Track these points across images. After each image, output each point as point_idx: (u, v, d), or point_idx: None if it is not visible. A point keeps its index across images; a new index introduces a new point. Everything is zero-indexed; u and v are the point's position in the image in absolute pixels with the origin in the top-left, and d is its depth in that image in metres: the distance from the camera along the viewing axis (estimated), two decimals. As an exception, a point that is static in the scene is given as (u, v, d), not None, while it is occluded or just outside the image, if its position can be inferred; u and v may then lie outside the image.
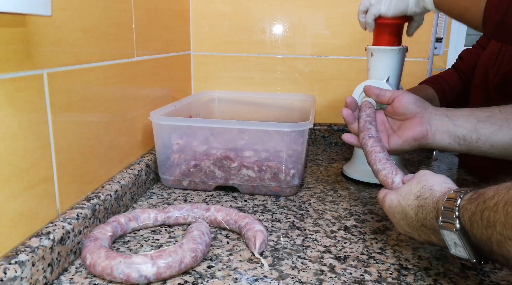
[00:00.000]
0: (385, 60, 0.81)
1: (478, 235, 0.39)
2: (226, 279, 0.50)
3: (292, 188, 0.78)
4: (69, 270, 0.52)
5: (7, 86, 0.44)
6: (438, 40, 1.56)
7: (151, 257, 0.49)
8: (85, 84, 0.60)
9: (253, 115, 1.11)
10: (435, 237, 0.47)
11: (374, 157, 0.59)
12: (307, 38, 1.15)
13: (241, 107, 1.13)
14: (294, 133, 0.75)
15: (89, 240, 0.53)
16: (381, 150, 0.60)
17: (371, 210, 0.72)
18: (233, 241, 0.60)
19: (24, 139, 0.47)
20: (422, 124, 0.62)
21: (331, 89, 1.17)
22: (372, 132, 0.63)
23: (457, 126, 0.60)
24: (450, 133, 0.60)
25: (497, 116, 0.58)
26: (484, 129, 0.58)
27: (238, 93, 1.15)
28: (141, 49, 0.80)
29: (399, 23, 0.79)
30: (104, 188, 0.64)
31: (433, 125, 0.61)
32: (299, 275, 0.52)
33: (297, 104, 1.10)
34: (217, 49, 1.18)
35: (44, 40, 0.50)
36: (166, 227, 0.64)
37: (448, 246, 0.44)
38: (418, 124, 0.62)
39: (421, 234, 0.49)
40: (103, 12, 0.65)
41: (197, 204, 0.65)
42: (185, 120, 0.83)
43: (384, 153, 0.59)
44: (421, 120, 0.62)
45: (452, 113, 0.62)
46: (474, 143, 0.59)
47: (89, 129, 0.61)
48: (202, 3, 1.15)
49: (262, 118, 1.10)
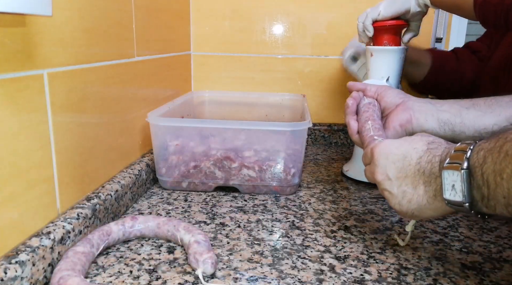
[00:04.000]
0: (385, 60, 0.82)
1: (487, 171, 0.39)
2: (226, 279, 0.50)
3: (292, 187, 0.78)
4: (69, 270, 0.52)
5: (7, 86, 0.44)
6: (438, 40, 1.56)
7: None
8: (85, 84, 0.60)
9: (243, 115, 1.11)
10: (424, 186, 0.47)
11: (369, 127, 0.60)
12: (307, 38, 1.15)
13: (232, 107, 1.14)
14: (294, 132, 0.75)
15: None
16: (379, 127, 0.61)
17: (371, 210, 0.73)
18: (233, 241, 0.60)
19: (24, 140, 0.47)
20: (405, 110, 0.62)
21: (331, 89, 1.17)
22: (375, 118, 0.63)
23: (440, 111, 0.61)
24: (434, 117, 0.61)
25: (481, 104, 0.59)
26: (468, 115, 0.59)
27: (229, 93, 1.15)
28: (141, 49, 0.80)
29: (397, 25, 0.80)
30: (104, 187, 0.64)
31: (416, 111, 0.62)
32: (299, 274, 0.52)
33: (287, 104, 1.11)
34: (217, 49, 1.18)
35: (44, 40, 0.50)
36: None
37: (443, 190, 0.44)
38: (401, 111, 0.63)
39: (406, 183, 0.48)
40: (103, 12, 0.65)
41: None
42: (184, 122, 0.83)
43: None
44: (403, 107, 0.63)
45: (436, 101, 0.63)
46: (458, 127, 0.59)
47: (89, 129, 0.61)
48: (202, 3, 1.15)
49: (254, 117, 1.10)
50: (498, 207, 0.39)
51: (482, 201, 0.41)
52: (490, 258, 0.57)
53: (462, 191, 0.42)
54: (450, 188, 0.43)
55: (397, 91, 0.66)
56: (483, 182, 0.40)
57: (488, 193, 0.39)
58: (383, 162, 0.51)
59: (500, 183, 0.38)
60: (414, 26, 0.81)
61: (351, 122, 0.65)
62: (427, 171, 0.47)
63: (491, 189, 0.39)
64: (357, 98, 0.66)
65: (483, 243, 0.61)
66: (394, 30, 0.81)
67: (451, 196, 0.43)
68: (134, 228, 0.58)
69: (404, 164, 0.49)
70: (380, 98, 0.66)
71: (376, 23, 0.80)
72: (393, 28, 0.80)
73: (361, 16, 0.82)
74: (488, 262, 0.56)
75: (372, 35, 0.81)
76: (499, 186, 0.38)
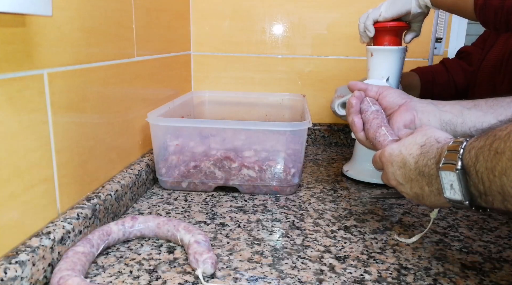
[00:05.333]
0: (385, 60, 0.82)
1: (481, 169, 0.40)
2: (226, 279, 0.50)
3: (292, 186, 0.78)
4: (69, 270, 0.52)
5: (7, 86, 0.44)
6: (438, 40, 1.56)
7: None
8: (85, 84, 0.60)
9: (243, 115, 1.11)
10: (428, 187, 0.48)
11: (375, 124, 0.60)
12: (307, 38, 1.15)
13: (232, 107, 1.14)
14: (294, 132, 0.75)
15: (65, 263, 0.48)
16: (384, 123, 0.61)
17: (371, 210, 0.73)
18: (233, 241, 0.60)
19: (24, 140, 0.47)
20: (408, 110, 0.63)
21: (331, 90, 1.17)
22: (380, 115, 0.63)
23: (443, 111, 0.61)
24: (436, 118, 0.61)
25: (482, 105, 0.60)
26: (469, 115, 0.60)
27: (229, 93, 1.15)
28: (141, 49, 0.80)
29: (398, 27, 0.80)
30: (104, 187, 0.64)
31: (419, 111, 0.62)
32: (299, 274, 0.52)
33: (287, 104, 1.11)
34: (217, 49, 1.18)
35: (44, 40, 0.50)
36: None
37: (443, 189, 0.45)
38: (404, 111, 0.63)
39: (414, 185, 0.50)
40: (103, 12, 0.65)
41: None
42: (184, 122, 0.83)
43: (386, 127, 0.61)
44: (406, 107, 0.63)
45: (438, 102, 0.64)
46: (460, 127, 0.60)
47: (89, 129, 0.61)
48: (202, 3, 1.15)
49: (253, 117, 1.11)
50: (495, 202, 0.40)
51: (480, 198, 0.42)
52: (490, 258, 0.57)
53: (460, 190, 0.43)
54: (449, 187, 0.44)
55: (398, 91, 0.66)
56: (478, 179, 0.41)
57: (484, 190, 0.41)
58: (391, 169, 0.53)
59: (493, 180, 0.39)
60: (416, 27, 0.82)
61: (355, 119, 0.65)
62: (426, 173, 0.48)
63: (486, 186, 0.40)
64: (359, 97, 0.66)
65: (483, 243, 0.61)
66: (395, 32, 0.81)
67: (451, 194, 0.44)
68: (134, 228, 0.58)
69: (406, 170, 0.51)
70: (381, 98, 0.66)
71: (377, 24, 0.80)
72: (394, 29, 0.80)
73: (362, 17, 0.82)
74: (488, 262, 0.56)
75: (373, 36, 0.81)
76: (493, 183, 0.39)
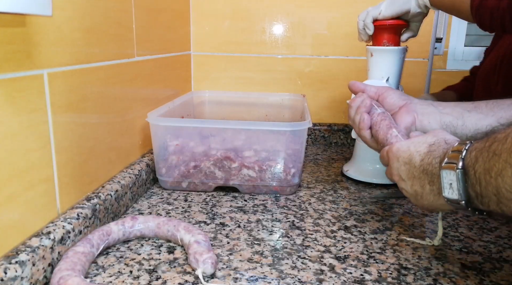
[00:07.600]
0: (385, 60, 0.82)
1: (479, 170, 0.41)
2: (226, 279, 0.50)
3: (292, 186, 0.78)
4: (69, 270, 0.52)
5: (7, 86, 0.44)
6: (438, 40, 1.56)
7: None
8: (85, 84, 0.60)
9: (243, 115, 1.11)
10: (429, 186, 0.49)
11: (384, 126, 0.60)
12: (307, 38, 1.15)
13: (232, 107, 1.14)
14: (294, 132, 0.75)
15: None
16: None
17: (371, 210, 0.73)
18: (233, 241, 0.60)
19: (24, 140, 0.47)
20: (409, 112, 0.63)
21: (331, 90, 1.17)
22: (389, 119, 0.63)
23: (443, 113, 0.61)
24: (436, 120, 0.62)
25: (483, 107, 0.60)
26: (470, 118, 0.60)
27: (229, 93, 1.15)
28: (141, 49, 0.80)
29: (397, 25, 0.80)
30: (104, 187, 0.64)
31: (420, 113, 0.62)
32: (299, 274, 0.52)
33: (287, 104, 1.11)
34: (217, 49, 1.18)
35: (44, 40, 0.50)
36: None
37: (442, 188, 0.45)
38: (405, 113, 0.63)
39: (415, 183, 0.51)
40: (103, 12, 0.65)
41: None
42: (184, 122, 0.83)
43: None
44: (407, 109, 0.63)
45: (438, 104, 0.64)
46: (460, 129, 0.60)
47: (89, 129, 0.61)
48: (202, 3, 1.15)
49: (253, 117, 1.11)
50: (491, 204, 0.41)
51: (477, 199, 0.42)
52: (490, 258, 0.57)
53: (458, 190, 0.43)
54: (448, 186, 0.45)
55: (398, 92, 0.66)
56: (476, 180, 0.42)
57: (480, 191, 0.41)
58: (396, 164, 0.54)
59: (489, 181, 0.39)
60: (414, 26, 0.82)
61: (365, 116, 0.63)
62: (429, 172, 0.49)
63: (482, 186, 0.41)
64: (373, 96, 0.67)
65: (483, 243, 0.61)
66: (394, 30, 0.81)
67: (449, 194, 0.45)
68: (134, 228, 0.58)
69: (411, 166, 0.51)
70: (381, 99, 0.66)
71: (376, 22, 0.80)
72: (393, 27, 0.80)
73: (361, 14, 0.82)
74: (488, 262, 0.56)
75: (372, 34, 0.81)
76: (489, 184, 0.40)
